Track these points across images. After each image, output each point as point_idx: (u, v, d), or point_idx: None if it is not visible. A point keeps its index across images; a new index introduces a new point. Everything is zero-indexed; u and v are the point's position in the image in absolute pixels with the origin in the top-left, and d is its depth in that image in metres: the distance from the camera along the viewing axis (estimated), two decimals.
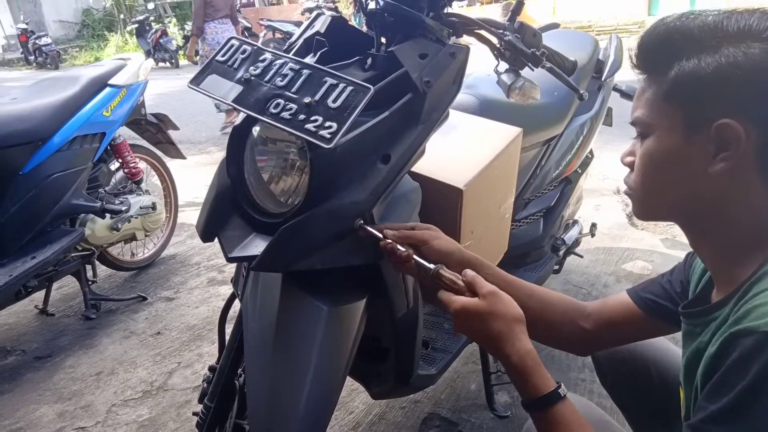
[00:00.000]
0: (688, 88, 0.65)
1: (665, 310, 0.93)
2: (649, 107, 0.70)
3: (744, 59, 0.61)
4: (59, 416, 1.81)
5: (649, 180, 0.72)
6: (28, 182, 2.04)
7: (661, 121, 0.69)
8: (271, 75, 0.89)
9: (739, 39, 0.63)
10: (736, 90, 0.62)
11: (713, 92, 0.63)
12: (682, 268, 0.94)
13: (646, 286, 0.98)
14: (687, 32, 0.67)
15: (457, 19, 1.11)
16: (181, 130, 3.11)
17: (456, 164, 1.25)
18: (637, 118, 0.73)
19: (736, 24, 0.65)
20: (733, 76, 0.62)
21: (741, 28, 0.64)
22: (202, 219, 0.97)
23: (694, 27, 0.67)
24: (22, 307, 2.44)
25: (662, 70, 0.68)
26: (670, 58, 0.67)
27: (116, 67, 2.43)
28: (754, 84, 0.61)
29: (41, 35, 14.22)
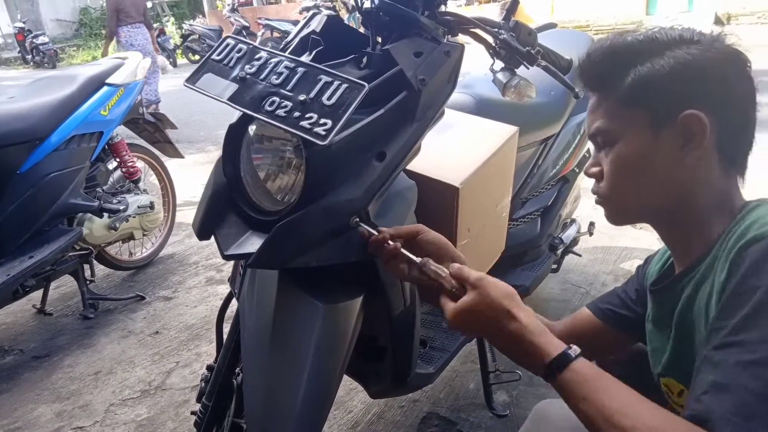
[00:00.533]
0: (647, 89, 0.71)
1: (624, 319, 0.96)
2: (609, 117, 0.75)
3: (690, 59, 0.70)
4: (57, 416, 1.81)
5: (622, 183, 0.76)
6: (25, 181, 2.04)
7: (626, 126, 0.74)
8: (267, 73, 0.89)
9: (677, 46, 0.71)
10: (691, 84, 0.69)
11: (672, 88, 0.70)
12: (635, 278, 0.99)
13: (603, 298, 1.02)
14: (629, 46, 0.75)
15: (452, 18, 1.11)
16: (179, 129, 3.11)
17: (452, 162, 1.25)
18: (598, 129, 0.77)
19: (665, 36, 0.73)
20: (686, 73, 0.69)
21: (673, 38, 0.73)
22: (198, 217, 0.97)
23: (633, 41, 0.75)
24: (19, 306, 2.44)
25: (615, 82, 0.74)
26: (622, 69, 0.73)
27: (114, 66, 2.43)
28: (704, 77, 0.69)
29: (38, 34, 14.21)
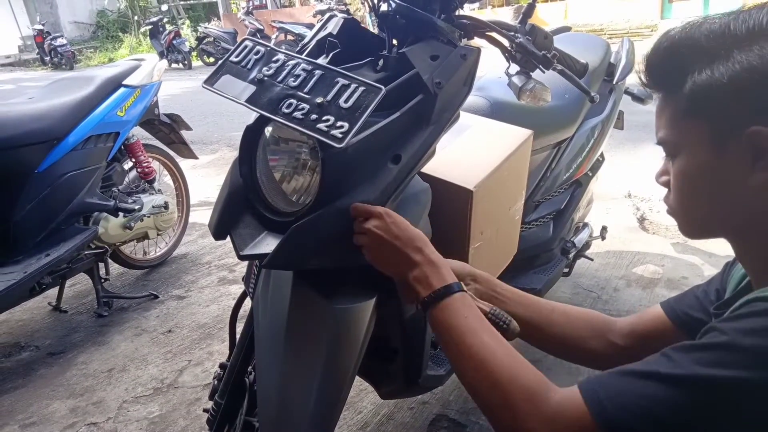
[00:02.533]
0: (706, 101, 0.62)
1: (699, 323, 0.87)
2: (671, 126, 0.68)
3: (759, 62, 0.58)
4: (71, 411, 1.84)
5: (687, 199, 0.70)
6: (43, 181, 2.07)
7: (687, 139, 0.66)
8: (284, 75, 0.90)
9: (751, 41, 0.60)
10: (757, 95, 0.59)
11: (734, 101, 0.60)
12: (720, 277, 0.89)
13: (680, 298, 0.93)
14: (694, 43, 0.64)
15: (469, 22, 1.12)
16: (194, 130, 3.14)
17: (466, 165, 1.26)
18: (662, 139, 0.71)
19: (744, 25, 0.62)
20: (752, 82, 0.59)
21: (750, 28, 0.61)
22: (214, 217, 0.99)
23: (701, 36, 0.64)
24: (35, 303, 2.48)
25: (676, 87, 0.65)
26: (682, 72, 0.64)
27: (131, 67, 2.46)
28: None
29: (57, 36, 14.40)
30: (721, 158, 0.63)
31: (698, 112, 0.64)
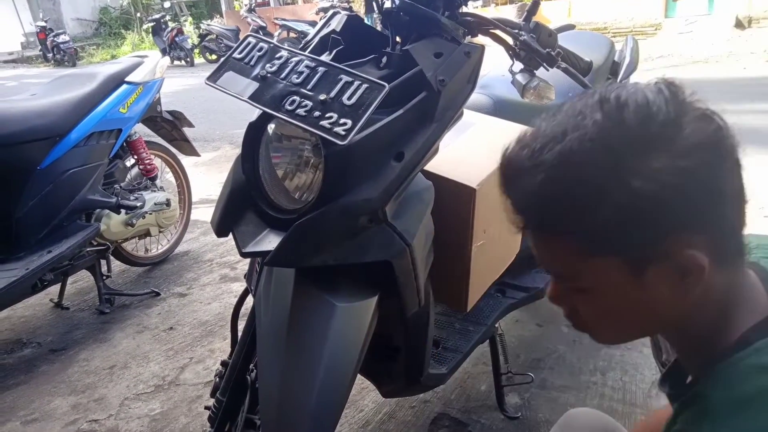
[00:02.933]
0: (610, 236, 0.54)
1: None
2: (570, 266, 0.59)
3: (654, 184, 0.52)
4: (73, 408, 1.84)
5: (606, 325, 0.63)
6: (45, 177, 2.07)
7: (597, 278, 0.58)
8: (287, 72, 0.89)
9: (638, 161, 0.52)
10: (664, 214, 0.53)
11: (640, 228, 0.54)
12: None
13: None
14: (576, 175, 0.54)
15: (472, 19, 1.11)
16: (196, 127, 3.14)
17: (469, 163, 1.25)
18: (558, 275, 0.63)
19: (622, 139, 0.53)
20: (655, 203, 0.52)
21: (631, 142, 0.53)
22: (217, 214, 0.98)
23: (580, 163, 0.54)
24: (37, 300, 2.48)
25: (562, 229, 0.57)
26: (571, 213, 0.55)
27: (133, 64, 2.45)
28: (678, 201, 0.52)
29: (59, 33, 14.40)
30: (643, 286, 0.57)
31: (603, 249, 0.56)
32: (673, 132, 0.53)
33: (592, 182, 0.53)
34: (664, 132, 0.53)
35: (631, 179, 0.52)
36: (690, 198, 0.53)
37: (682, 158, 0.52)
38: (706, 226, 0.54)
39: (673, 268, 0.55)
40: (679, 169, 0.52)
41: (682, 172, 0.52)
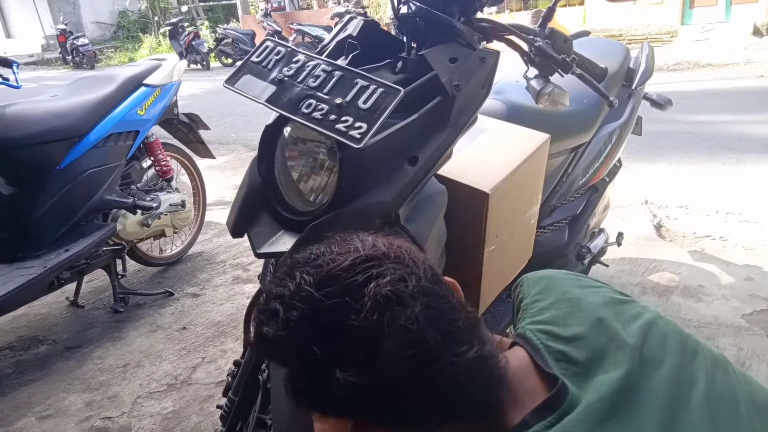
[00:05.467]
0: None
1: None
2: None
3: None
4: (87, 405, 1.86)
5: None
6: (64, 177, 2.10)
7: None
8: (304, 76, 0.91)
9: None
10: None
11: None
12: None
13: None
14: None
15: (488, 25, 1.12)
16: (211, 130, 3.17)
17: (483, 168, 1.26)
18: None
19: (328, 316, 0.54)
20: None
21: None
22: (232, 215, 1.00)
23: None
24: (53, 298, 2.52)
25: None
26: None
27: (151, 67, 2.49)
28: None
29: (79, 36, 14.62)
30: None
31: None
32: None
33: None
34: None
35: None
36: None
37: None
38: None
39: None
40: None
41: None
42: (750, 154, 3.87)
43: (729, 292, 2.27)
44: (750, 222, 2.88)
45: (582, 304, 0.69)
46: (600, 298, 0.71)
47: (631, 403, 0.58)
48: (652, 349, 0.63)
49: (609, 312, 0.68)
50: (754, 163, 3.70)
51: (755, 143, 4.09)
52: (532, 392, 0.61)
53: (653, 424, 0.56)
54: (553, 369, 0.62)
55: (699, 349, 0.65)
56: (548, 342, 0.65)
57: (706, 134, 4.42)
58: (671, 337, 0.65)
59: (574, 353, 0.63)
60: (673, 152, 4.07)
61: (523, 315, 0.74)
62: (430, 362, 0.54)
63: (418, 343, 0.53)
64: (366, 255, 0.57)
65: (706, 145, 4.15)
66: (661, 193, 3.34)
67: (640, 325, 0.66)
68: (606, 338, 0.64)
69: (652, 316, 0.69)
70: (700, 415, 0.58)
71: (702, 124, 4.75)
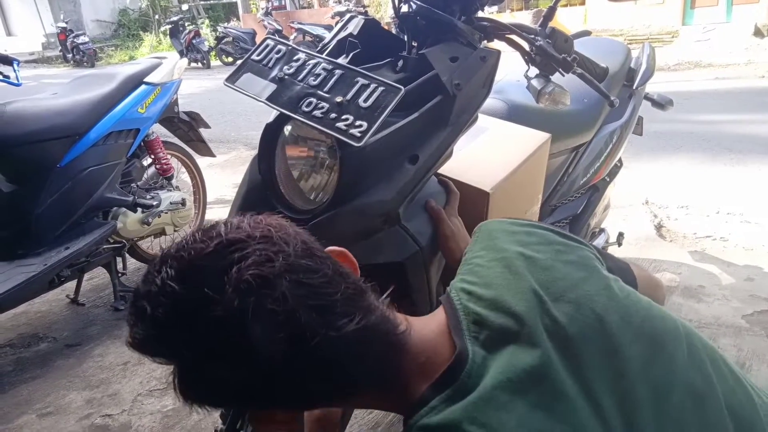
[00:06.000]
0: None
1: None
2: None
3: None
4: (87, 403, 1.86)
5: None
6: (64, 175, 2.10)
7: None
8: (305, 74, 0.91)
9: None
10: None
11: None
12: None
13: None
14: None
15: (488, 24, 1.12)
16: (212, 128, 3.17)
17: (483, 167, 1.25)
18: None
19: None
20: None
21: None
22: (233, 213, 1.00)
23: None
24: (54, 296, 2.52)
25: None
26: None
27: (152, 65, 2.49)
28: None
29: (79, 34, 14.61)
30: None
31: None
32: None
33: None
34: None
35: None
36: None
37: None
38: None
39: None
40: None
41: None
42: (751, 154, 3.87)
43: (729, 292, 2.27)
44: (751, 222, 2.88)
45: (518, 269, 0.65)
46: (544, 261, 0.67)
47: (543, 391, 0.55)
48: (583, 331, 0.59)
49: (547, 277, 0.64)
50: (755, 163, 3.70)
51: (756, 144, 4.09)
52: (439, 362, 0.59)
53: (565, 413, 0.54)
54: (463, 334, 0.60)
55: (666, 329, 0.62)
56: (467, 303, 0.63)
57: (707, 134, 4.42)
58: (615, 312, 0.61)
59: (491, 317, 0.61)
60: (674, 152, 4.07)
61: (460, 269, 0.71)
62: (305, 340, 0.53)
63: (289, 324, 0.52)
64: (228, 239, 0.55)
65: (707, 146, 4.15)
66: (662, 193, 3.34)
67: (576, 299, 0.61)
68: (532, 311, 0.60)
69: (600, 285, 0.64)
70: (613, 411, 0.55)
71: (703, 125, 4.75)
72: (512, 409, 0.53)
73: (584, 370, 0.57)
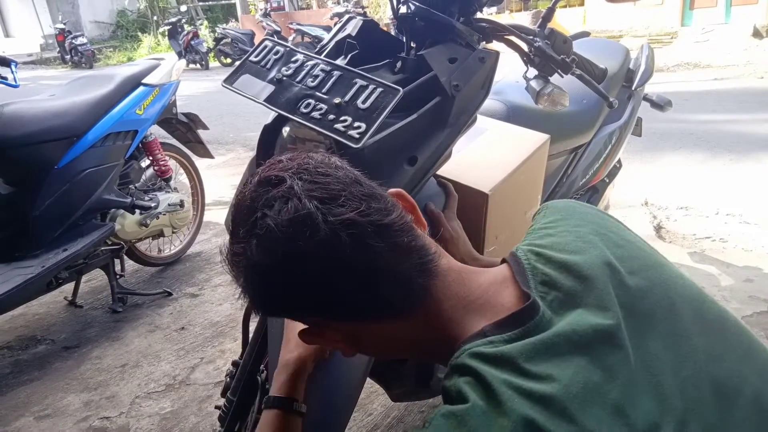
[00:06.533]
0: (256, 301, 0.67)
1: None
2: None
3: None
4: (85, 405, 1.86)
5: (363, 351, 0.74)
6: (62, 176, 2.10)
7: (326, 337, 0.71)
8: (303, 75, 0.90)
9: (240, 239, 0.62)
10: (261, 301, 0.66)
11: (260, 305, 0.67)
12: None
13: None
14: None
15: (487, 25, 1.12)
16: (210, 130, 3.17)
17: (482, 169, 1.25)
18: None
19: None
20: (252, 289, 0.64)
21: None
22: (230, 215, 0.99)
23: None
24: (52, 298, 2.51)
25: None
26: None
27: (150, 66, 2.48)
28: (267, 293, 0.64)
29: (77, 35, 14.61)
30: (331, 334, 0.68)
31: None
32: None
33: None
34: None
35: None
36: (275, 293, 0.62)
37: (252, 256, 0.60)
38: (321, 311, 0.64)
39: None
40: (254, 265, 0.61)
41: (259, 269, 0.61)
42: (750, 155, 3.88)
43: (729, 293, 2.27)
44: (750, 224, 2.88)
45: (592, 240, 0.66)
46: (618, 240, 0.67)
47: (606, 352, 0.55)
48: (653, 309, 0.60)
49: (622, 253, 0.65)
50: (755, 164, 3.71)
51: (755, 144, 4.09)
52: (501, 306, 0.61)
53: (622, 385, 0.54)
54: (531, 288, 0.61)
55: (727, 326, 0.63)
56: (536, 263, 0.64)
57: (706, 135, 4.42)
58: (687, 301, 0.62)
59: (561, 279, 0.61)
60: (673, 153, 4.07)
61: (527, 237, 0.72)
62: (370, 251, 0.59)
63: (298, 212, 0.58)
64: (352, 176, 0.66)
65: (707, 147, 4.15)
66: (661, 194, 3.34)
67: (650, 278, 0.62)
68: (604, 277, 0.61)
69: (675, 272, 0.65)
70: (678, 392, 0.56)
71: (702, 125, 4.75)
72: (570, 360, 0.54)
73: (648, 345, 0.57)
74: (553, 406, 0.50)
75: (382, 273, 0.60)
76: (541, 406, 0.50)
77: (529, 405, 0.50)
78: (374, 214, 0.60)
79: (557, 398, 0.51)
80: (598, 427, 0.50)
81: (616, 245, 0.66)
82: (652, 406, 0.53)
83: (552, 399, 0.51)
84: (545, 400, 0.51)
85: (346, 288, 0.60)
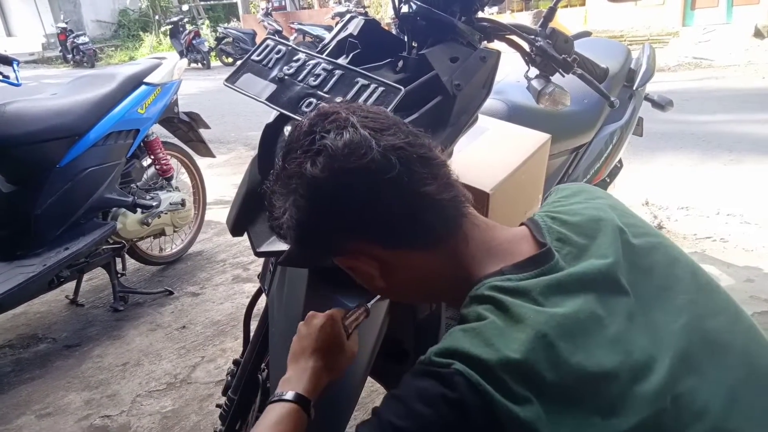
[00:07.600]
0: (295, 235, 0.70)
1: None
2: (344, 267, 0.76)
3: (300, 201, 0.66)
4: (86, 404, 1.86)
5: (387, 292, 0.80)
6: (64, 175, 2.10)
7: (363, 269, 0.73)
8: (305, 74, 0.91)
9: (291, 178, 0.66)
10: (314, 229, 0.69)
11: (305, 233, 0.69)
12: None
13: None
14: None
15: (489, 24, 1.12)
16: (211, 129, 3.17)
17: (483, 168, 1.25)
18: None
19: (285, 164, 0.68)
20: (304, 215, 0.67)
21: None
22: (232, 214, 1.00)
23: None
24: (53, 296, 2.52)
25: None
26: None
27: (152, 65, 2.49)
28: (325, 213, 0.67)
29: (79, 34, 14.62)
30: (357, 264, 0.72)
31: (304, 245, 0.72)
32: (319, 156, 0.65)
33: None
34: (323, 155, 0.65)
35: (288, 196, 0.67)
36: (338, 210, 0.66)
37: (319, 176, 0.64)
38: (367, 231, 0.68)
39: (364, 259, 0.70)
40: (318, 183, 0.64)
41: (322, 185, 0.64)
42: (751, 155, 3.87)
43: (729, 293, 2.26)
44: (750, 224, 2.88)
45: (605, 211, 0.73)
46: (629, 215, 0.75)
47: (608, 288, 0.64)
48: (653, 266, 0.68)
49: (632, 221, 0.73)
50: (756, 164, 3.70)
51: (756, 144, 4.09)
52: (519, 253, 0.68)
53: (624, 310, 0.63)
54: (547, 239, 0.68)
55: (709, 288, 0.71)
56: (552, 224, 0.71)
57: (707, 135, 4.42)
58: (679, 264, 0.70)
59: (574, 237, 0.69)
60: (674, 153, 4.07)
61: (543, 207, 0.78)
62: (367, 149, 0.63)
63: (353, 136, 0.64)
64: (392, 119, 0.71)
65: (708, 147, 4.15)
66: (662, 194, 3.34)
67: (654, 243, 0.71)
68: (613, 235, 0.69)
69: (678, 249, 0.73)
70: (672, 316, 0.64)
71: (703, 125, 4.75)
72: (578, 296, 0.62)
73: (647, 296, 0.65)
74: (562, 326, 0.58)
75: (423, 198, 0.66)
76: (553, 324, 0.58)
77: (543, 321, 0.58)
78: (419, 148, 0.67)
79: (566, 321, 0.59)
80: (599, 352, 0.58)
81: (624, 214, 0.75)
82: (647, 342, 0.61)
83: (562, 320, 0.59)
84: (556, 320, 0.59)
85: (391, 206, 0.65)
